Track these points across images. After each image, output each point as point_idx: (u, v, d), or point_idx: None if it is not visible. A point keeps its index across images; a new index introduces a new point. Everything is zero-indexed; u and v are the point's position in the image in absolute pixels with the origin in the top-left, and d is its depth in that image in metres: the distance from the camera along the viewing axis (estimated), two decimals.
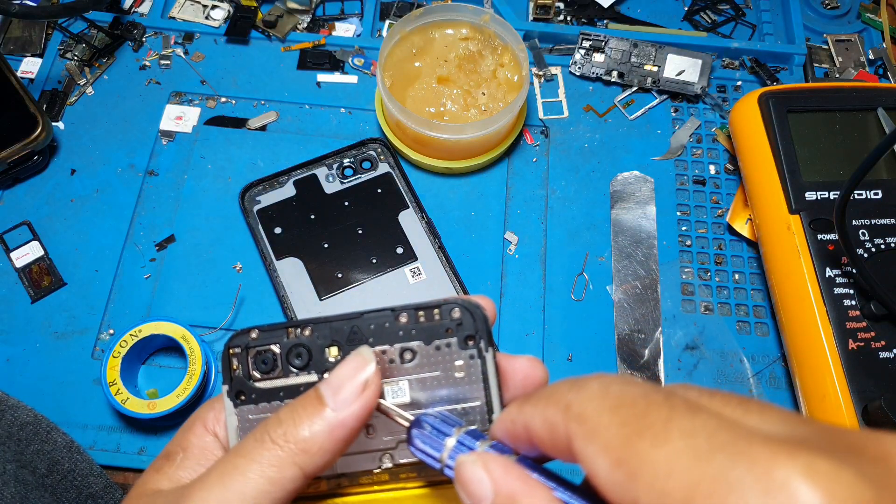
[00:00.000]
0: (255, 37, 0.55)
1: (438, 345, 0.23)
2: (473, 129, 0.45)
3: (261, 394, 0.24)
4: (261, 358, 0.23)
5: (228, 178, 0.49)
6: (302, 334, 0.23)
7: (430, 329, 0.23)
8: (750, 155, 0.46)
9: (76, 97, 0.52)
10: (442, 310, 0.22)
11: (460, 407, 0.23)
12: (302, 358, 0.23)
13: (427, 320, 0.23)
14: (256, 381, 0.24)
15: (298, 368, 0.23)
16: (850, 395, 0.37)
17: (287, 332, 0.23)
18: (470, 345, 0.23)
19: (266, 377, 0.24)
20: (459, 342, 0.23)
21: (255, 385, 0.24)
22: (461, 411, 0.23)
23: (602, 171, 0.50)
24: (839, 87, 0.47)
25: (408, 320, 0.23)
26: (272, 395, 0.24)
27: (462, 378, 0.23)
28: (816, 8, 0.57)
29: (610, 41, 0.53)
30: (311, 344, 0.23)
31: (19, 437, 0.35)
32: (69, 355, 0.43)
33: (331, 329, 0.23)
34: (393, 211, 0.47)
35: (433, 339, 0.23)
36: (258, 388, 0.24)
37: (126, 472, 0.41)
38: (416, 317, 0.23)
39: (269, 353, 0.23)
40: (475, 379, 0.23)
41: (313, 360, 0.23)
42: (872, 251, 0.41)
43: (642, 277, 0.47)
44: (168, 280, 0.45)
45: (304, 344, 0.23)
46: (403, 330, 0.23)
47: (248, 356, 0.23)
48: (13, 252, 0.46)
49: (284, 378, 0.23)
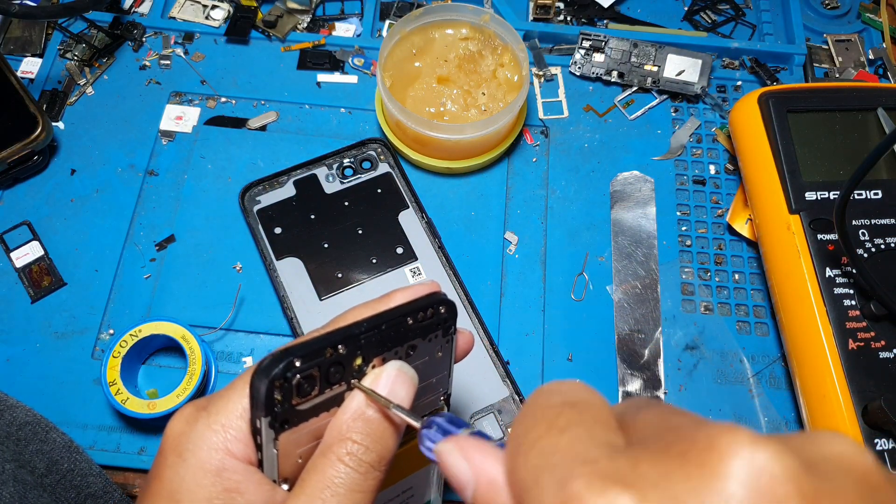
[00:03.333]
0: (255, 37, 0.55)
1: (430, 337, 0.27)
2: (473, 129, 0.45)
3: (300, 415, 0.24)
4: (304, 383, 0.23)
5: (228, 178, 0.49)
6: (338, 352, 0.24)
7: (427, 327, 0.26)
8: (750, 155, 0.46)
9: (76, 97, 0.52)
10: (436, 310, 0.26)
11: (434, 379, 0.28)
12: (338, 374, 0.24)
13: (424, 319, 0.26)
14: (298, 405, 0.24)
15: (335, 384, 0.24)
16: (849, 395, 0.37)
17: (326, 353, 0.23)
18: (450, 332, 0.27)
19: (305, 399, 0.24)
20: (443, 332, 0.27)
21: (297, 409, 0.24)
22: (435, 382, 0.28)
23: (602, 171, 0.50)
24: (839, 87, 0.47)
25: (412, 322, 0.25)
26: (309, 414, 0.24)
27: (440, 357, 0.28)
28: (816, 8, 0.57)
29: (610, 41, 0.53)
30: (343, 359, 0.24)
31: (18, 436, 0.35)
32: (69, 355, 0.43)
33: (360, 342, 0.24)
34: (393, 211, 0.47)
35: (427, 333, 0.26)
36: (298, 410, 0.24)
37: (126, 472, 0.41)
38: (417, 318, 0.26)
39: (310, 376, 0.23)
40: (447, 355, 0.28)
41: (345, 372, 0.24)
42: (872, 251, 0.41)
43: (642, 277, 0.47)
44: (168, 280, 0.45)
45: (340, 361, 0.24)
46: (410, 331, 0.26)
47: (291, 384, 0.23)
48: (13, 252, 0.46)
49: (320, 395, 0.24)
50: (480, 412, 0.42)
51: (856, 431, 0.37)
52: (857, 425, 0.37)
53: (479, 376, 0.42)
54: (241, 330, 0.44)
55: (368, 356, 0.25)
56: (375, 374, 0.25)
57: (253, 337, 0.44)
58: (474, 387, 0.42)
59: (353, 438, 0.23)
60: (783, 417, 0.43)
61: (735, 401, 0.43)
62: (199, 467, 0.23)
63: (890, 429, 0.36)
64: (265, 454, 0.24)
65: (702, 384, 0.44)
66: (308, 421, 0.24)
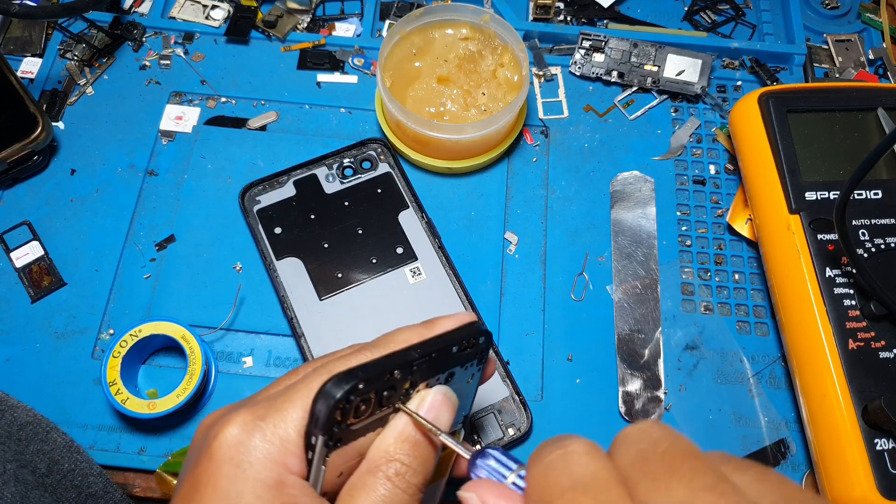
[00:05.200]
0: (255, 37, 0.55)
1: (467, 365, 0.28)
2: (473, 129, 0.45)
3: (351, 435, 0.25)
4: (361, 405, 0.24)
5: (228, 178, 0.49)
6: (394, 377, 0.25)
7: (467, 356, 0.27)
8: (750, 155, 0.46)
9: (76, 97, 0.52)
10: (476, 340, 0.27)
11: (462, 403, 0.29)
12: (390, 398, 0.25)
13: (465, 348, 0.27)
14: (352, 426, 0.24)
15: (384, 406, 0.25)
16: (849, 395, 0.37)
17: (385, 377, 0.24)
18: (483, 361, 0.29)
19: (359, 420, 0.25)
20: (478, 361, 0.28)
21: (351, 429, 0.25)
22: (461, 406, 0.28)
23: (602, 171, 0.50)
24: (839, 87, 0.47)
25: (457, 350, 0.27)
26: (358, 434, 0.25)
27: (469, 383, 0.29)
28: (816, 8, 0.57)
29: (610, 41, 0.53)
30: (397, 384, 0.25)
31: (19, 436, 0.35)
32: (69, 355, 0.43)
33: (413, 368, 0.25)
34: (393, 211, 0.47)
35: (466, 361, 0.28)
36: (352, 430, 0.25)
37: (126, 472, 0.41)
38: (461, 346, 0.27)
39: (367, 399, 0.24)
40: (475, 382, 0.29)
41: (395, 395, 0.25)
42: (872, 251, 0.41)
43: (642, 277, 0.47)
44: (168, 280, 0.45)
45: (393, 385, 0.25)
46: (452, 359, 0.27)
47: (351, 406, 0.24)
48: (13, 252, 0.46)
49: (371, 416, 0.25)
50: (480, 412, 0.42)
51: (856, 431, 0.37)
52: (857, 425, 0.37)
53: None
54: (241, 330, 0.44)
55: (416, 381, 0.26)
56: (421, 397, 0.26)
57: (253, 337, 0.44)
58: None
59: (402, 460, 0.24)
60: (783, 417, 0.43)
61: (735, 401, 0.43)
62: (258, 480, 0.23)
63: (890, 429, 0.36)
64: (314, 469, 0.24)
65: (702, 384, 0.44)
66: (356, 440, 0.25)
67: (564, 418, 0.43)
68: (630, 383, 0.44)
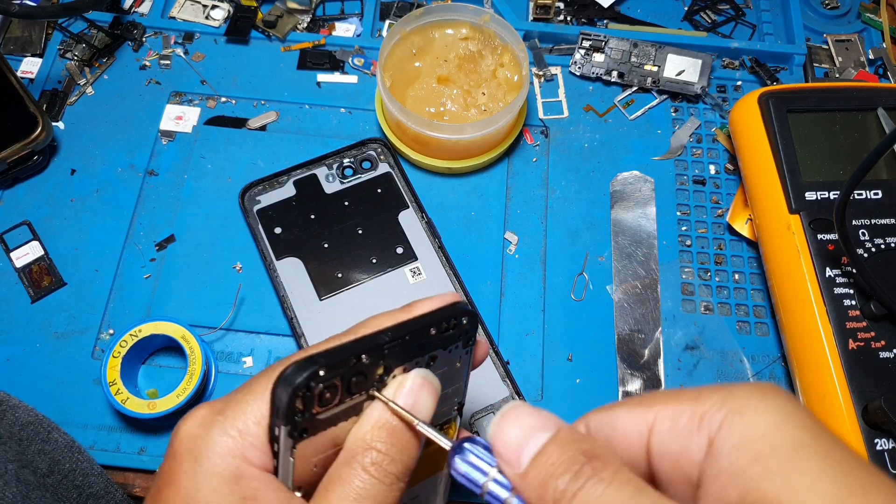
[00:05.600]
0: (255, 37, 0.55)
1: (451, 348, 0.26)
2: (473, 129, 0.45)
3: (319, 424, 0.23)
4: (326, 393, 0.23)
5: (228, 178, 0.49)
6: (361, 362, 0.23)
7: (448, 338, 0.26)
8: (750, 155, 0.46)
9: (76, 97, 0.52)
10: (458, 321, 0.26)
11: (450, 389, 0.28)
12: (360, 384, 0.24)
13: (446, 330, 0.26)
14: (318, 414, 0.23)
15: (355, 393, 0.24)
16: (850, 395, 0.37)
17: (350, 362, 0.23)
18: (470, 343, 0.27)
19: (326, 409, 0.23)
20: (464, 343, 0.27)
21: (317, 418, 0.23)
22: (451, 392, 0.28)
23: (602, 171, 0.50)
24: (839, 87, 0.47)
25: (435, 332, 0.25)
26: (328, 423, 0.24)
27: (458, 368, 0.27)
28: (816, 8, 0.57)
29: (610, 41, 0.53)
30: (366, 369, 0.24)
31: (20, 436, 0.35)
32: (69, 355, 0.43)
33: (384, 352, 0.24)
34: (393, 211, 0.47)
35: (449, 344, 0.26)
36: (318, 419, 0.23)
37: (126, 472, 0.41)
38: (440, 328, 0.25)
39: (332, 386, 0.23)
40: (464, 366, 0.28)
41: (367, 381, 0.24)
42: (872, 251, 0.41)
43: (642, 277, 0.47)
44: (168, 280, 0.45)
45: (363, 371, 0.24)
46: (432, 342, 0.25)
47: (313, 394, 0.22)
48: (13, 252, 0.46)
49: (341, 404, 0.24)
50: (480, 412, 0.42)
51: (856, 431, 0.37)
52: (857, 425, 0.37)
53: (479, 376, 0.42)
54: (241, 330, 0.44)
55: (391, 366, 0.24)
56: (398, 382, 0.24)
57: (253, 337, 0.44)
58: (474, 387, 0.42)
59: (378, 448, 0.23)
60: None
61: None
62: (215, 474, 0.23)
63: (890, 429, 0.36)
64: (281, 462, 0.23)
65: (702, 384, 0.44)
66: (326, 430, 0.24)
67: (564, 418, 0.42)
68: (630, 383, 0.44)
